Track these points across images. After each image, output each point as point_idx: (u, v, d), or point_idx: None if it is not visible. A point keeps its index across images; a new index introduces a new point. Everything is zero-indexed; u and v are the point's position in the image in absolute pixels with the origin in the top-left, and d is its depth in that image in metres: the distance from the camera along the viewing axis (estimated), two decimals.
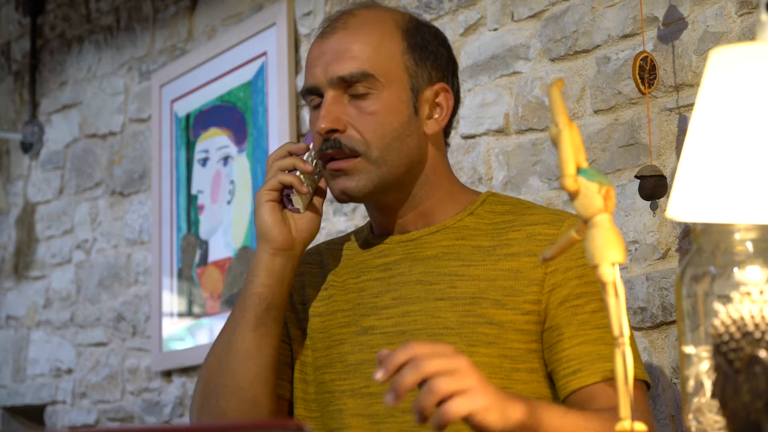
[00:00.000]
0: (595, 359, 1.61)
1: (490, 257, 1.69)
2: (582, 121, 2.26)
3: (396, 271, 1.72)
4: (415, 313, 1.68)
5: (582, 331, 1.63)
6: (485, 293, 1.66)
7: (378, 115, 1.68)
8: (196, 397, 1.73)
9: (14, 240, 4.03)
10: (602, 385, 1.60)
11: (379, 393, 1.63)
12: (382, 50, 1.70)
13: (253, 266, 1.69)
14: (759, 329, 1.06)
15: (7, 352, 4.03)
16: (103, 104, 3.72)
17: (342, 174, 1.68)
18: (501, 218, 1.73)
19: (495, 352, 1.64)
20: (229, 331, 1.69)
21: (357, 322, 1.72)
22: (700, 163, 1.11)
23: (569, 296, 1.64)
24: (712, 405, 1.10)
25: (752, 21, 2.00)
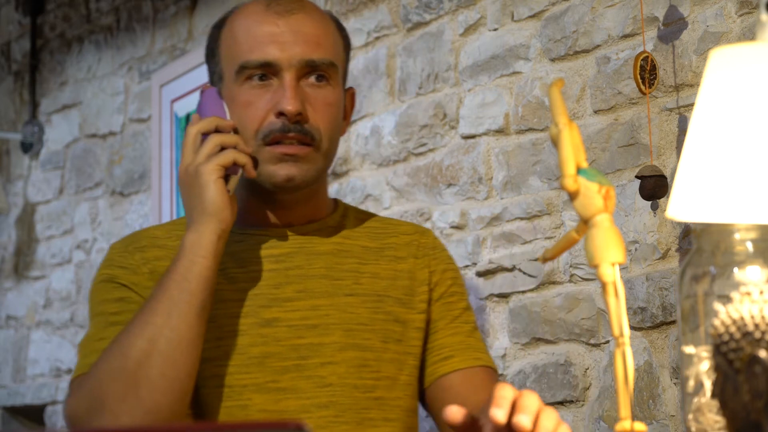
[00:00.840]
0: (466, 348, 1.70)
1: (382, 258, 1.72)
2: (582, 121, 2.26)
3: (292, 263, 1.66)
4: (326, 307, 1.64)
5: (454, 324, 1.71)
6: (388, 291, 1.69)
7: (333, 106, 1.66)
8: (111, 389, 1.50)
9: (14, 240, 4.03)
10: (475, 369, 1.68)
11: (288, 389, 1.59)
12: (336, 42, 1.69)
13: (195, 246, 1.55)
14: (759, 329, 1.06)
15: (7, 352, 4.03)
16: (103, 104, 3.72)
17: (291, 160, 1.61)
18: (371, 224, 1.77)
19: (402, 349, 1.67)
20: (167, 315, 1.52)
21: (256, 313, 1.62)
22: (700, 163, 1.11)
23: (444, 294, 1.73)
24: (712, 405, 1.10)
25: (752, 21, 2.00)
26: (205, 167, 1.57)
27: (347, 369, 1.62)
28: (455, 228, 2.52)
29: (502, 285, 2.42)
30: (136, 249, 1.67)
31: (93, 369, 1.54)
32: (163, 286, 1.54)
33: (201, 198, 1.56)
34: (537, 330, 2.33)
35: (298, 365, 1.61)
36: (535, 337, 2.34)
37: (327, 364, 1.61)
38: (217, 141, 1.59)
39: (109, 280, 1.66)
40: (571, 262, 2.28)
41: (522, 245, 2.38)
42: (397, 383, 1.65)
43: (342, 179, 2.80)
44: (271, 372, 1.60)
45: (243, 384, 1.60)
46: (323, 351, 1.62)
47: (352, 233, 1.73)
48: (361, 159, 2.76)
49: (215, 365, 1.60)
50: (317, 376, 1.61)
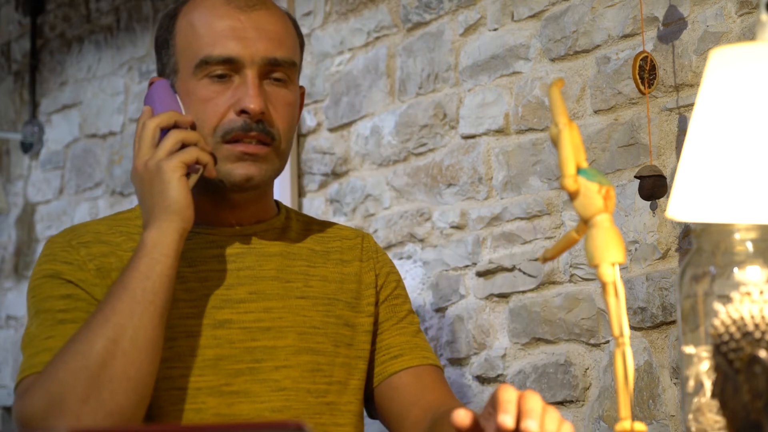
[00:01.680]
0: (414, 347, 1.70)
1: (329, 261, 1.70)
2: (582, 121, 2.26)
3: (242, 264, 1.63)
4: (279, 309, 1.62)
5: (400, 325, 1.71)
6: (337, 295, 1.68)
7: (291, 106, 1.63)
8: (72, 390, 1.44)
9: (14, 240, 4.03)
10: (424, 368, 1.68)
11: (242, 392, 1.57)
12: (296, 41, 1.67)
13: (158, 244, 1.50)
14: (759, 329, 1.06)
15: (7, 352, 4.03)
16: (103, 104, 3.72)
17: (250, 159, 1.58)
18: (313, 227, 1.76)
19: (353, 353, 1.66)
20: (129, 315, 1.46)
21: (209, 314, 1.58)
22: (700, 163, 1.11)
23: (389, 296, 1.73)
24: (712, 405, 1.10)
25: (752, 21, 2.00)
26: (167, 164, 1.52)
27: (301, 373, 1.59)
28: (455, 228, 2.52)
29: (502, 285, 2.42)
30: (80, 244, 1.61)
31: (49, 368, 1.47)
32: (124, 285, 1.48)
33: (163, 195, 1.51)
34: (537, 330, 2.33)
35: (252, 368, 1.58)
36: (535, 337, 2.34)
37: (281, 368, 1.59)
38: (179, 137, 1.54)
39: (55, 276, 1.59)
40: (571, 262, 2.28)
41: (522, 245, 2.38)
42: (348, 388, 1.64)
43: (342, 179, 2.80)
44: (225, 375, 1.56)
45: (197, 387, 1.55)
46: (277, 354, 1.59)
47: (298, 236, 1.71)
48: (361, 159, 2.76)
49: (167, 367, 1.54)
50: (271, 380, 1.58)
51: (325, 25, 2.89)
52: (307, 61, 2.94)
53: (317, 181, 2.86)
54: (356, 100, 2.78)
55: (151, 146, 1.55)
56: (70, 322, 1.53)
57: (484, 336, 2.44)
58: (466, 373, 2.48)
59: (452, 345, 2.51)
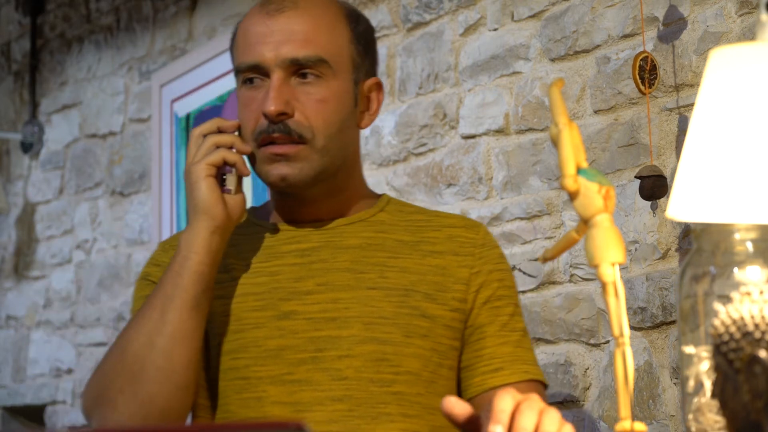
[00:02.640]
0: (515, 360, 1.67)
1: (415, 251, 1.70)
2: (582, 121, 2.26)
3: (316, 257, 1.67)
4: (347, 300, 1.64)
5: (503, 332, 1.68)
6: (416, 286, 1.66)
7: (327, 102, 1.65)
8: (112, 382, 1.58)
9: (14, 240, 4.03)
10: (524, 384, 1.64)
11: (303, 381, 1.60)
12: (334, 36, 1.67)
13: (189, 242, 1.60)
14: (759, 329, 1.06)
15: (7, 352, 4.03)
16: (103, 104, 3.72)
17: (283, 159, 1.63)
18: (413, 217, 1.75)
19: (428, 345, 1.65)
20: (161, 310, 1.57)
21: (275, 306, 1.64)
22: (700, 163, 1.11)
23: (491, 297, 1.69)
24: (712, 405, 1.10)
25: (752, 21, 2.00)
26: (195, 167, 1.61)
27: (364, 363, 1.61)
28: None
29: None
30: (171, 247, 1.70)
31: (99, 363, 1.62)
32: (161, 283, 1.60)
33: (193, 196, 1.61)
34: (537, 330, 2.33)
35: (315, 357, 1.61)
36: (535, 337, 2.34)
37: (344, 357, 1.61)
38: (213, 141, 1.62)
39: (144, 278, 1.73)
40: (571, 262, 2.28)
41: (522, 245, 2.38)
42: (420, 379, 1.63)
43: None
44: (287, 364, 1.61)
45: (259, 376, 1.61)
46: (340, 344, 1.61)
47: (388, 227, 1.72)
48: (361, 159, 2.76)
49: (232, 358, 1.63)
50: (333, 369, 1.60)
51: None
52: None
53: None
54: None
55: (194, 153, 1.64)
56: None
57: None
58: None
59: None
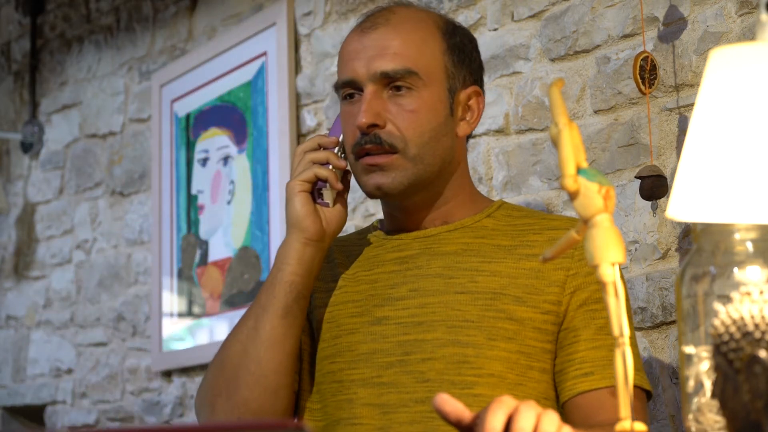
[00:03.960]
0: (607, 364, 1.64)
1: (511, 255, 1.72)
2: (582, 121, 2.26)
3: (413, 264, 1.73)
4: (434, 305, 1.68)
5: (598, 336, 1.66)
6: (506, 289, 1.68)
7: (418, 112, 1.70)
8: (213, 386, 1.71)
9: (14, 240, 4.03)
10: (612, 390, 1.62)
11: (391, 383, 1.65)
12: (425, 49, 1.72)
13: (282, 254, 1.70)
14: (759, 329, 1.06)
15: (7, 352, 4.03)
16: (103, 104, 3.72)
17: (378, 169, 1.69)
18: (519, 221, 1.77)
19: (513, 347, 1.65)
20: (255, 318, 1.69)
21: (370, 312, 1.71)
22: (700, 163, 1.11)
23: (588, 300, 1.68)
24: (712, 405, 1.10)
25: (752, 21, 2.00)
26: (289, 183, 1.71)
27: (446, 365, 1.64)
28: None
29: None
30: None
31: (207, 369, 1.75)
32: (258, 294, 1.72)
33: (287, 211, 1.71)
34: None
35: (402, 361, 1.66)
36: None
37: (427, 360, 1.65)
38: (309, 158, 1.72)
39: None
40: None
41: None
42: (504, 382, 1.63)
43: None
44: (377, 367, 1.67)
45: (351, 379, 1.69)
46: (425, 347, 1.65)
47: (489, 232, 1.75)
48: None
49: (330, 362, 1.72)
50: (417, 371, 1.65)
51: (325, 25, 2.89)
52: (306, 61, 2.94)
53: None
54: None
55: (294, 170, 1.74)
56: None
57: None
58: None
59: None
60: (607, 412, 1.62)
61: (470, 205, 1.79)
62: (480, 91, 1.79)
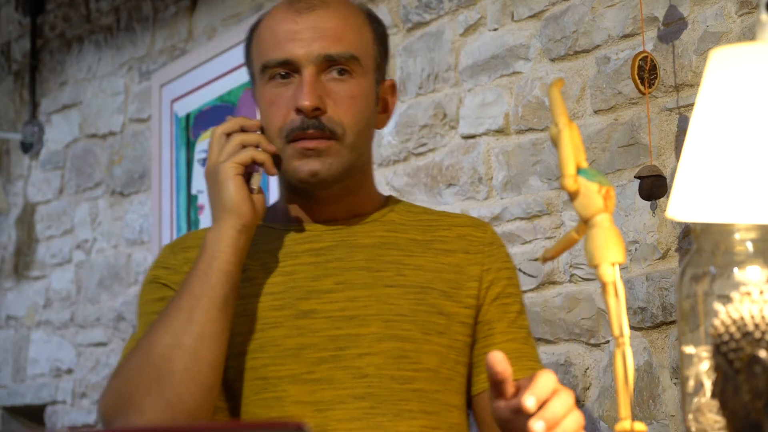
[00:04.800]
0: (522, 356, 1.68)
1: (429, 250, 1.70)
2: (582, 121, 2.26)
3: (332, 256, 1.67)
4: (365, 298, 1.64)
5: (511, 329, 1.70)
6: (432, 284, 1.67)
7: (357, 99, 1.65)
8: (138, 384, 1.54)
9: (14, 240, 4.03)
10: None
11: (324, 379, 1.60)
12: (362, 35, 1.69)
13: (216, 241, 1.58)
14: (759, 329, 1.06)
15: (7, 352, 4.03)
16: (103, 104, 3.72)
17: (314, 154, 1.62)
18: (423, 217, 1.76)
19: (444, 342, 1.65)
20: (189, 310, 1.55)
21: (293, 305, 1.64)
22: (700, 163, 1.11)
23: (501, 294, 1.71)
24: (712, 405, 1.10)
25: (752, 21, 2.00)
26: (223, 166, 1.60)
27: (385, 360, 1.61)
28: None
29: None
30: (180, 249, 1.71)
31: (121, 366, 1.59)
32: (186, 283, 1.58)
33: (220, 195, 1.60)
34: (537, 330, 2.33)
35: (335, 356, 1.61)
36: (535, 337, 2.34)
37: (364, 355, 1.61)
38: (239, 140, 1.62)
39: (153, 281, 1.70)
40: (571, 262, 2.28)
41: (522, 245, 2.38)
42: (438, 376, 1.64)
43: None
44: (307, 363, 1.61)
45: (278, 375, 1.61)
46: (361, 342, 1.62)
47: (400, 227, 1.73)
48: None
49: (250, 358, 1.62)
50: (354, 367, 1.61)
51: None
52: None
53: None
54: None
55: (217, 152, 1.63)
56: None
57: None
58: None
59: None
60: None
61: (375, 199, 1.75)
62: (395, 85, 1.77)
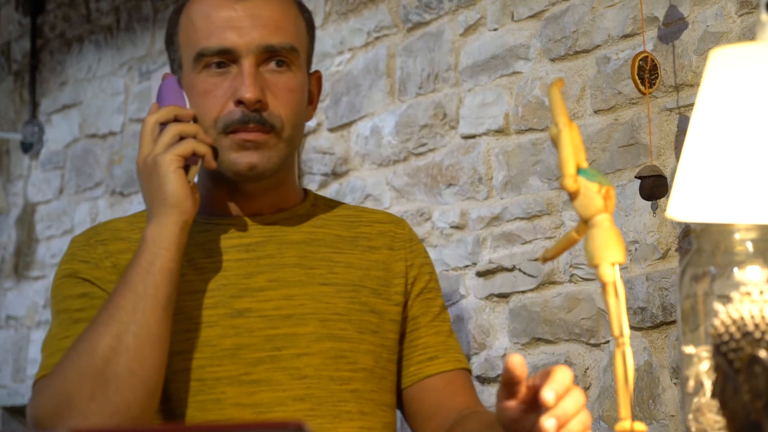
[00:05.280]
0: (448, 348, 1.69)
1: (356, 247, 1.68)
2: (582, 121, 2.26)
3: (263, 252, 1.62)
4: (300, 296, 1.60)
5: (436, 322, 1.70)
6: (363, 281, 1.65)
7: (295, 92, 1.61)
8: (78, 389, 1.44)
9: (14, 240, 4.03)
10: (456, 372, 1.67)
11: (262, 381, 1.55)
12: (297, 26, 1.64)
13: (158, 238, 1.50)
14: (759, 329, 1.06)
15: (7, 352, 4.03)
16: (103, 104, 3.72)
17: (253, 147, 1.57)
18: (343, 212, 1.73)
19: (377, 341, 1.64)
20: (132, 311, 1.46)
21: (227, 303, 1.57)
22: (700, 163, 1.11)
23: (424, 289, 1.71)
24: (712, 405, 1.10)
25: (752, 21, 2.00)
26: (163, 158, 1.52)
27: (323, 360, 1.57)
28: (455, 228, 2.52)
29: (502, 285, 2.42)
30: (98, 242, 1.61)
31: (57, 368, 1.49)
32: (126, 281, 1.49)
33: (161, 189, 1.52)
34: (537, 330, 2.34)
35: (273, 356, 1.56)
36: (535, 337, 2.34)
37: (302, 356, 1.57)
38: (176, 131, 1.54)
39: (72, 275, 1.60)
40: (571, 262, 2.28)
41: (522, 245, 2.38)
42: (374, 375, 1.61)
43: (342, 179, 2.80)
44: (245, 364, 1.55)
45: (216, 377, 1.54)
46: (298, 342, 1.57)
47: (324, 222, 1.69)
48: (361, 159, 2.76)
49: (185, 358, 1.55)
50: (292, 368, 1.56)
51: (325, 25, 2.89)
52: None
53: (317, 181, 2.86)
54: (356, 100, 2.78)
55: (151, 142, 1.56)
56: (85, 321, 1.54)
57: (484, 336, 2.44)
58: None
59: None
60: (462, 395, 1.65)
61: (297, 192, 1.70)
62: (321, 78, 1.72)
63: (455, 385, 1.66)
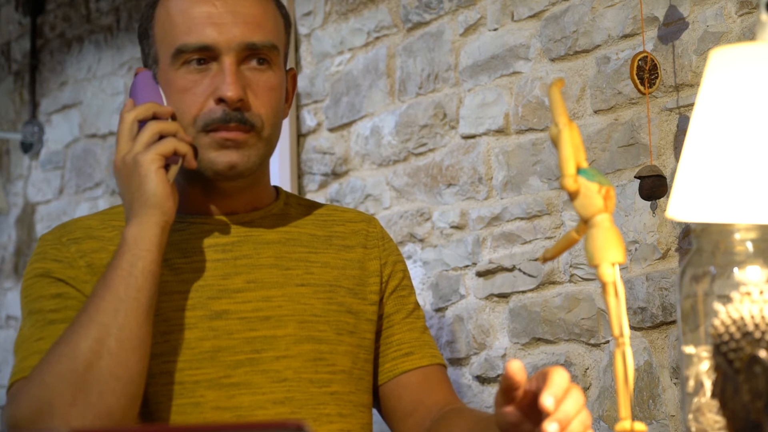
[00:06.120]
0: (423, 344, 1.69)
1: (331, 246, 1.67)
2: (582, 121, 2.26)
3: (240, 253, 1.59)
4: (278, 298, 1.58)
5: (409, 319, 1.70)
6: (339, 281, 1.64)
7: (274, 91, 1.58)
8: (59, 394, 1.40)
9: (14, 240, 4.03)
10: (433, 368, 1.68)
11: (242, 384, 1.53)
12: (278, 23, 1.62)
13: (140, 239, 1.46)
14: (759, 329, 1.06)
15: (7, 352, 4.03)
16: (103, 104, 3.72)
17: (233, 146, 1.55)
18: (315, 211, 1.72)
19: (355, 341, 1.63)
20: (114, 314, 1.42)
21: (205, 305, 1.55)
22: (700, 163, 1.11)
23: (398, 287, 1.71)
24: (712, 405, 1.10)
25: (752, 21, 2.00)
26: (144, 157, 1.48)
27: (303, 363, 1.56)
28: (455, 228, 2.52)
29: (502, 285, 2.42)
30: (70, 241, 1.58)
31: (36, 372, 1.44)
32: (107, 283, 1.45)
33: (142, 189, 1.48)
34: (537, 330, 2.33)
35: (252, 359, 1.54)
36: (535, 337, 2.34)
37: (282, 358, 1.55)
38: (156, 129, 1.50)
39: (44, 275, 1.56)
40: (571, 262, 2.28)
41: (522, 245, 2.38)
42: (352, 377, 1.60)
43: (342, 179, 2.80)
44: (224, 367, 1.53)
45: (195, 380, 1.52)
46: (277, 344, 1.55)
47: (299, 221, 1.68)
48: (361, 159, 2.76)
49: (163, 361, 1.52)
50: (272, 371, 1.54)
51: (325, 25, 2.89)
52: (306, 61, 2.94)
53: (317, 181, 2.86)
54: (356, 100, 2.78)
55: (129, 139, 1.52)
56: (61, 322, 1.51)
57: (484, 336, 2.44)
58: (466, 373, 2.48)
59: (452, 345, 2.51)
60: (440, 390, 1.65)
61: (270, 191, 1.68)
62: (296, 76, 1.71)
63: (432, 381, 1.66)
